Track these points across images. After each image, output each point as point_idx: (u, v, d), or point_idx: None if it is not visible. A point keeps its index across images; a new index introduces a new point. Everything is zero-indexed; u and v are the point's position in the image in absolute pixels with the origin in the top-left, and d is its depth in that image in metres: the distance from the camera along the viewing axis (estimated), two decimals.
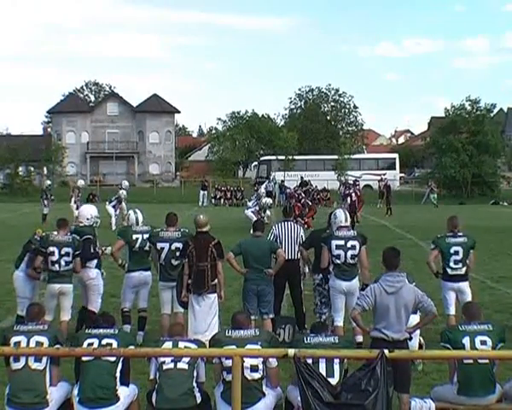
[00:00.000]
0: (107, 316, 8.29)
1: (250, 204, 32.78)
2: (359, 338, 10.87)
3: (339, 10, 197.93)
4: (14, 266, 12.20)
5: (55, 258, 11.43)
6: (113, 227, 28.83)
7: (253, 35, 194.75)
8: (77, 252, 11.55)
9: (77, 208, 31.80)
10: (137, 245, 11.84)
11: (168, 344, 7.66)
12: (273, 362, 7.59)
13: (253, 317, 10.81)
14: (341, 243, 11.19)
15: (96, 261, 11.99)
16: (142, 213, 12.55)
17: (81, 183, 36.27)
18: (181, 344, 7.65)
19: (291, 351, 6.62)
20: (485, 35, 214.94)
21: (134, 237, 11.88)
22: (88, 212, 12.40)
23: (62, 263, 11.44)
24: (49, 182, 41.87)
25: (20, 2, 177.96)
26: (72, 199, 33.63)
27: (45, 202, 35.69)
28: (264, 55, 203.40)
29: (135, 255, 11.90)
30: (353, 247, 11.19)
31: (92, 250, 11.85)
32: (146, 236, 11.90)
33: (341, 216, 11.60)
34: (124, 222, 29.01)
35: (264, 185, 46.70)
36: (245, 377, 7.15)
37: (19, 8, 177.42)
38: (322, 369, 7.23)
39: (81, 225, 12.12)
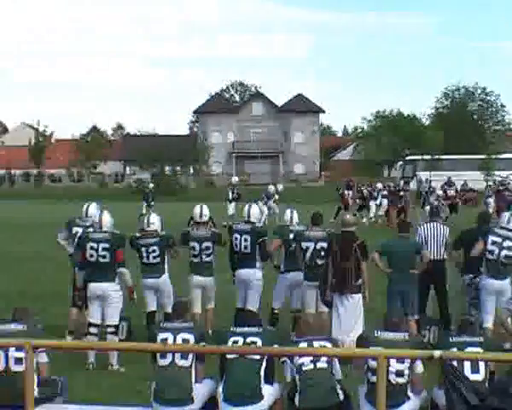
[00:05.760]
0: (253, 313, 8.40)
1: None
2: (507, 345, 10.60)
3: (481, 8, 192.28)
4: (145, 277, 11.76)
5: (196, 252, 11.93)
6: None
7: (397, 34, 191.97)
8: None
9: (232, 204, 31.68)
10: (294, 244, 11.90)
11: (303, 344, 7.71)
12: (419, 368, 7.53)
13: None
14: (498, 240, 11.07)
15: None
16: (297, 212, 12.62)
17: (235, 179, 36.04)
18: (315, 344, 7.70)
19: (437, 353, 6.53)
20: None
21: (291, 236, 11.95)
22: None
23: (203, 256, 11.93)
24: (151, 185, 43.71)
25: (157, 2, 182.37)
26: (230, 197, 32.64)
27: (145, 203, 37.32)
28: (409, 55, 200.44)
29: (292, 255, 11.95)
30: (509, 248, 11.02)
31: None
32: None
33: (505, 217, 11.46)
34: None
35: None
36: (389, 381, 7.12)
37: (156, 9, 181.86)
38: (467, 365, 7.15)
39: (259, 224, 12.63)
